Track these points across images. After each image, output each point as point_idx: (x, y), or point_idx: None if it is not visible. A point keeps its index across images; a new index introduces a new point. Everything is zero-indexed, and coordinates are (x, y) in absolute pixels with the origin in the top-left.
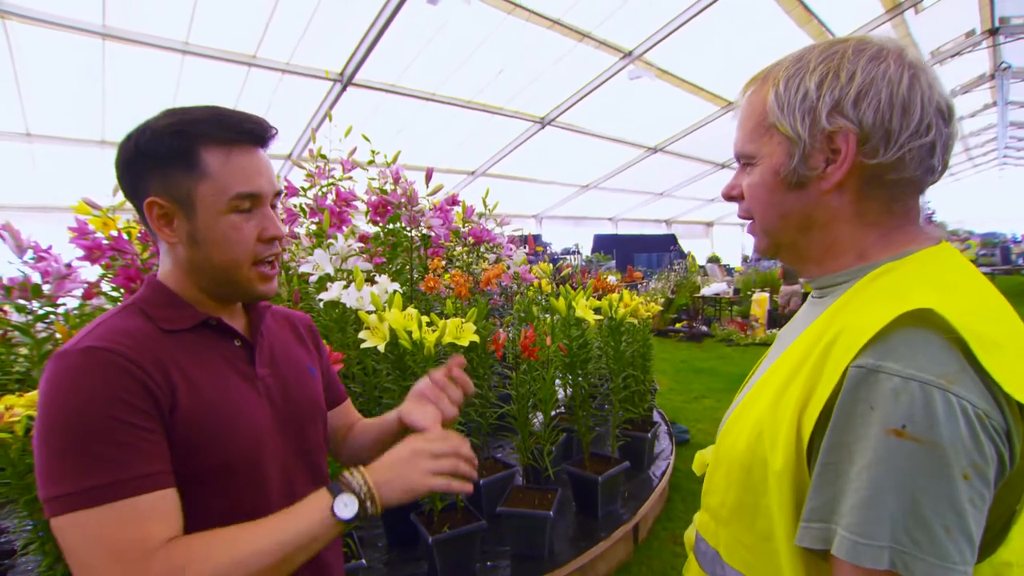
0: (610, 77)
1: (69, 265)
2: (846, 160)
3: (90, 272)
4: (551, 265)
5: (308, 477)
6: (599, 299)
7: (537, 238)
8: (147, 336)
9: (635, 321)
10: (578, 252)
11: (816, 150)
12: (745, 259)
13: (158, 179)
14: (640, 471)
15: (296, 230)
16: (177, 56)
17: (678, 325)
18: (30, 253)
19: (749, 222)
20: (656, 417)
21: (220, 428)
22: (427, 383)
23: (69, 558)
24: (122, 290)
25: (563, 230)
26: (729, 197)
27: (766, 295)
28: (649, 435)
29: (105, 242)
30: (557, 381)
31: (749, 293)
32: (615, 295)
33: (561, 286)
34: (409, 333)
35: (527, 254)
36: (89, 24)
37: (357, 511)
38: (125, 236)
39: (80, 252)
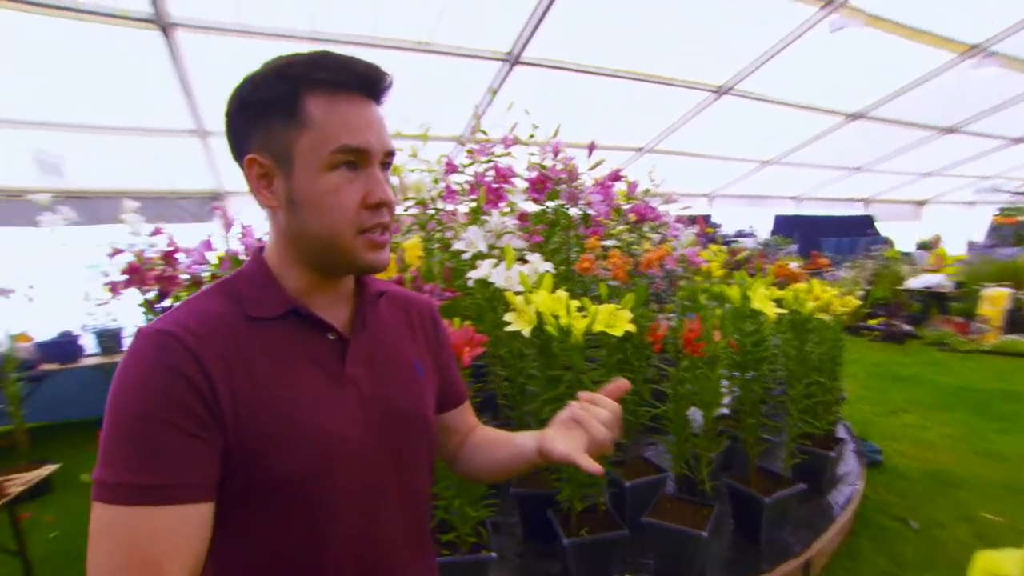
0: (803, 33)
1: None
2: None
3: None
4: (725, 248)
5: (399, 505)
6: (781, 288)
7: (707, 219)
8: (224, 323)
9: (826, 317)
10: (753, 234)
11: None
12: (971, 244)
13: (259, 132)
14: (818, 495)
15: (459, 208)
16: (366, 49)
17: (872, 322)
18: (237, 229)
19: None
20: (841, 431)
21: (282, 435)
22: (574, 406)
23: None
24: None
25: (737, 210)
26: None
27: (1006, 291)
28: (832, 453)
29: None
30: (724, 381)
31: (976, 288)
32: (803, 285)
33: (734, 272)
34: (556, 318)
35: (696, 235)
36: (297, 31)
37: None
38: None
39: None
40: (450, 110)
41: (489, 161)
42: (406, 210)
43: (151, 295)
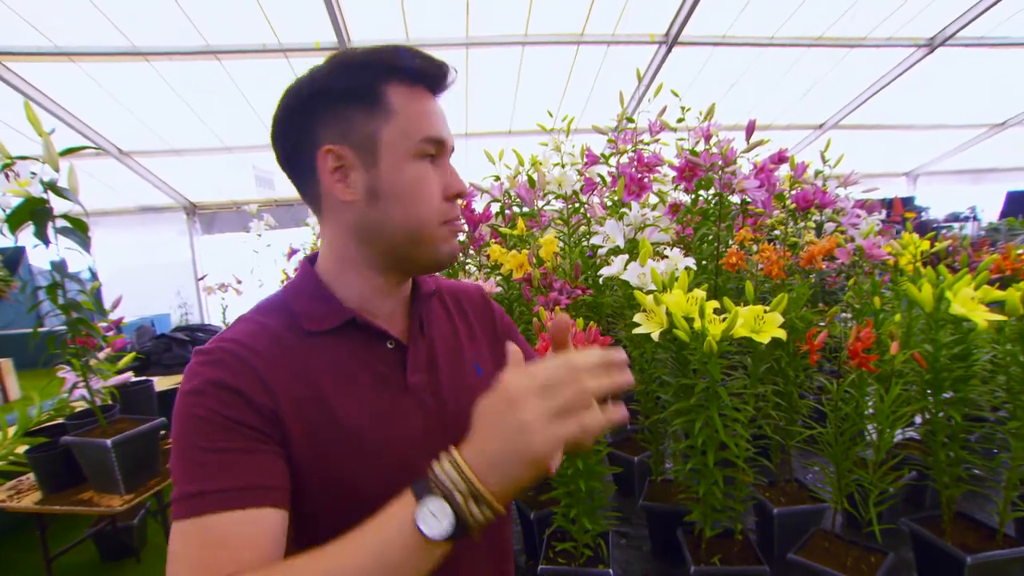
0: None
1: None
2: None
3: None
4: (916, 235)
5: None
6: (1002, 287)
7: (908, 201)
8: (280, 338)
9: None
10: (974, 217)
11: None
12: None
13: (334, 122)
14: None
15: (605, 200)
16: (518, 48)
17: None
18: None
19: None
20: None
21: (353, 454)
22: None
23: None
24: None
25: (953, 189)
26: None
27: None
28: None
29: None
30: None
31: None
32: None
33: (928, 267)
34: (690, 321)
35: (884, 222)
36: (453, 38)
37: (455, 524)
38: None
39: None
40: (603, 103)
41: (633, 150)
42: (546, 204)
43: None
